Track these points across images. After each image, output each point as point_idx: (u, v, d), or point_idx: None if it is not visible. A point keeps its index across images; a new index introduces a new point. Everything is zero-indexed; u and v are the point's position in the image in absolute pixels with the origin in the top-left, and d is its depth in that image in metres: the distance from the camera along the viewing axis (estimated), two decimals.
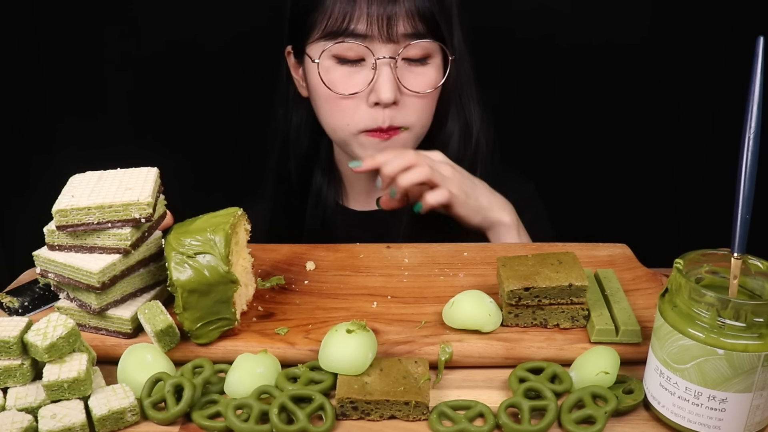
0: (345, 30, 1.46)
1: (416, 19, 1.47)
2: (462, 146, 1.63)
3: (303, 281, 1.26)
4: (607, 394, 0.97)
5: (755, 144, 0.88)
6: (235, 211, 1.14)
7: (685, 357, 0.89)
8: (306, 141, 1.69)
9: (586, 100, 2.16)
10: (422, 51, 1.51)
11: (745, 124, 0.89)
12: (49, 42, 2.14)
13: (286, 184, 1.72)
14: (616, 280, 1.20)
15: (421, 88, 1.52)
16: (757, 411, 0.89)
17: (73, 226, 1.06)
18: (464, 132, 1.64)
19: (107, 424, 0.94)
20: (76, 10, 2.09)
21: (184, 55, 2.15)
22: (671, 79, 2.13)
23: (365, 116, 1.51)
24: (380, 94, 1.47)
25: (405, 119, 1.53)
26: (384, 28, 1.45)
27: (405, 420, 0.97)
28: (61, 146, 2.21)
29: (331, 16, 1.47)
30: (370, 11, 1.45)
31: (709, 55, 2.09)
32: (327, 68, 1.52)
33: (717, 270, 0.95)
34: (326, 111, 1.56)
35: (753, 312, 0.85)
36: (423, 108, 1.55)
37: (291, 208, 1.73)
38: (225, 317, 1.07)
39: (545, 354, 1.07)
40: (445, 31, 1.52)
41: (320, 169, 1.71)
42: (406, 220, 1.64)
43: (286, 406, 0.95)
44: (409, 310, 1.17)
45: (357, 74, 1.50)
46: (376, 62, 1.47)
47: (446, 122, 1.63)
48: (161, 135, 2.21)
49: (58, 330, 0.95)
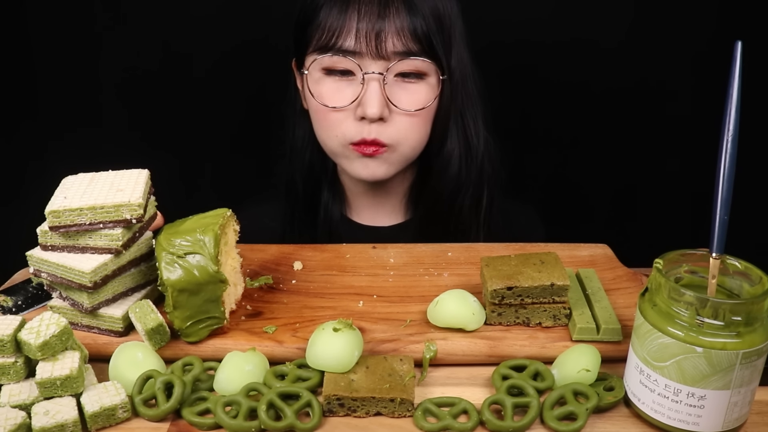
0: (334, 45, 1.44)
1: (407, 36, 1.44)
2: (464, 168, 1.59)
3: (291, 281, 1.27)
4: (589, 391, 0.98)
5: (733, 146, 0.89)
6: (224, 212, 1.14)
7: (665, 355, 0.90)
8: (308, 154, 1.67)
9: (565, 101, 2.17)
10: (414, 68, 1.47)
11: (723, 126, 0.90)
12: (42, 46, 2.13)
13: (294, 196, 1.71)
14: (597, 280, 1.21)
15: (411, 105, 1.49)
16: (735, 408, 0.90)
17: (66, 226, 1.07)
18: (466, 154, 1.59)
19: (99, 420, 0.95)
20: (69, 15, 2.09)
21: (176, 60, 2.15)
22: (651, 81, 2.13)
23: (351, 129, 1.49)
24: (366, 109, 1.45)
25: (391, 136, 1.49)
26: (372, 44, 1.42)
27: (390, 416, 0.98)
28: (54, 149, 2.21)
29: (323, 30, 1.45)
30: (359, 27, 1.42)
31: (689, 57, 2.09)
32: (317, 80, 1.51)
33: (696, 270, 0.97)
34: (316, 122, 1.55)
35: (731, 311, 0.87)
36: (412, 127, 1.51)
37: (300, 221, 1.71)
38: (214, 316, 1.08)
39: (528, 352, 1.08)
40: (440, 50, 1.47)
41: (327, 183, 1.69)
42: (411, 235, 1.64)
43: (274, 403, 0.96)
44: (394, 309, 1.19)
45: (346, 88, 1.48)
46: (364, 77, 1.45)
47: (445, 143, 1.58)
48: (152, 138, 2.21)
49: (51, 328, 0.96)
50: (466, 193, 1.60)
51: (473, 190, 1.59)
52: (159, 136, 2.22)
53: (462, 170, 1.59)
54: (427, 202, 1.64)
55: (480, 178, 1.61)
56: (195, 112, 2.18)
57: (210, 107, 2.18)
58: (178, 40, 2.13)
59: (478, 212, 1.64)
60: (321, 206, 1.69)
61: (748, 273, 0.93)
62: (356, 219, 1.73)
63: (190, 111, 2.18)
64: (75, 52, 2.14)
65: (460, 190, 1.60)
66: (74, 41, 2.13)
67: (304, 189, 1.69)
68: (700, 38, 2.06)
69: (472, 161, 1.60)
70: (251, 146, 1.94)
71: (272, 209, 1.75)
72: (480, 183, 1.62)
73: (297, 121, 1.67)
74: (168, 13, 2.10)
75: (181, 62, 2.15)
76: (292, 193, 1.71)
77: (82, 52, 2.14)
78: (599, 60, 2.11)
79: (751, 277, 0.93)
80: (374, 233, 1.71)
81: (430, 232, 1.60)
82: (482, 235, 1.64)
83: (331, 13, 1.45)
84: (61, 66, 2.16)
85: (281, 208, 1.74)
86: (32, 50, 2.14)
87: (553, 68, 2.14)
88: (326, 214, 1.69)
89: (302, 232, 1.71)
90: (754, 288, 0.92)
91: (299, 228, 1.71)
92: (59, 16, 2.11)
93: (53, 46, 2.14)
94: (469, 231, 1.64)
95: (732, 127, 0.89)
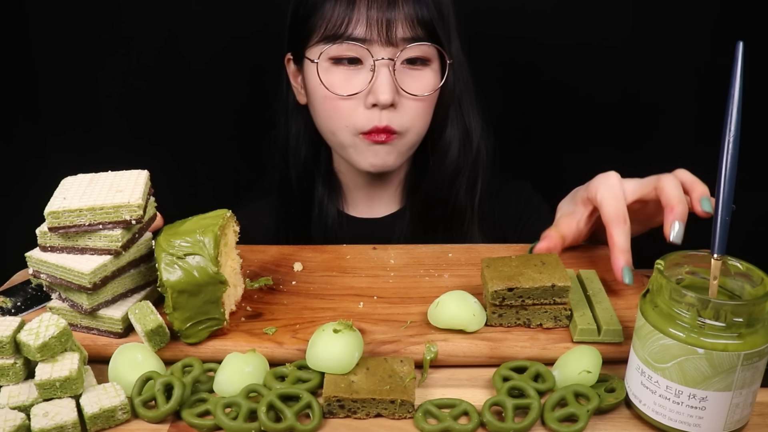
0: (343, 33, 1.47)
1: (415, 23, 1.47)
2: (462, 153, 1.64)
3: (291, 282, 1.27)
4: (590, 392, 0.98)
5: (734, 147, 0.90)
6: (223, 213, 1.14)
7: (666, 356, 0.90)
8: (304, 150, 1.69)
9: (565, 102, 2.17)
10: (421, 54, 1.51)
11: (724, 127, 0.90)
12: (41, 47, 2.14)
13: (288, 193, 1.72)
14: (598, 281, 1.21)
15: (419, 90, 1.52)
16: (736, 409, 0.90)
17: (65, 227, 1.07)
18: (464, 140, 1.64)
19: (98, 422, 0.95)
20: (69, 15, 2.10)
21: (176, 59, 2.15)
22: (652, 81, 2.13)
23: (362, 117, 1.51)
24: (378, 95, 1.47)
25: (402, 122, 1.52)
26: (383, 32, 1.45)
27: (391, 418, 0.98)
28: (54, 149, 2.21)
29: (330, 20, 1.48)
30: (369, 15, 1.45)
31: (691, 59, 2.09)
32: (326, 69, 1.52)
33: (697, 271, 0.96)
34: (324, 112, 1.56)
35: (732, 312, 0.86)
36: (420, 112, 1.55)
37: (295, 217, 1.73)
38: (214, 317, 1.08)
39: (528, 353, 1.08)
40: (442, 36, 1.51)
41: (321, 178, 1.71)
42: (408, 223, 1.66)
43: (274, 405, 0.96)
44: (395, 310, 1.18)
45: (355, 76, 1.51)
46: (374, 64, 1.47)
47: (445, 129, 1.63)
48: (151, 138, 2.21)
49: (51, 330, 0.96)
50: (462, 177, 1.63)
51: (470, 173, 1.61)
52: (159, 136, 2.22)
53: (460, 156, 1.64)
54: (426, 190, 1.66)
55: (476, 163, 1.64)
56: (195, 112, 2.19)
57: (210, 107, 2.18)
58: (178, 40, 2.13)
59: (473, 196, 1.67)
60: (315, 202, 1.71)
61: (750, 274, 0.93)
62: (352, 212, 1.75)
63: (190, 111, 2.18)
64: (74, 53, 2.14)
65: (458, 176, 1.63)
66: (73, 42, 2.13)
67: (298, 185, 1.71)
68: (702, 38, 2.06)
69: (469, 146, 1.65)
70: (251, 147, 1.94)
71: (265, 206, 1.77)
72: (476, 168, 1.66)
73: (291, 117, 1.69)
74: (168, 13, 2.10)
75: (180, 62, 2.15)
76: (286, 189, 1.73)
77: (81, 53, 2.14)
78: (600, 60, 2.11)
79: (753, 278, 0.93)
80: (370, 225, 1.73)
81: (426, 218, 1.63)
82: (477, 218, 1.67)
83: (339, 3, 1.47)
84: (60, 66, 2.16)
85: (275, 205, 1.76)
86: (32, 50, 2.14)
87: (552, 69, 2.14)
88: (321, 209, 1.70)
89: (297, 228, 1.72)
90: (756, 289, 0.91)
91: (294, 224, 1.73)
92: (58, 16, 2.10)
93: (52, 46, 2.14)
94: (464, 215, 1.66)
95: (733, 127, 0.90)
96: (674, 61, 2.10)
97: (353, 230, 1.72)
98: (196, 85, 2.17)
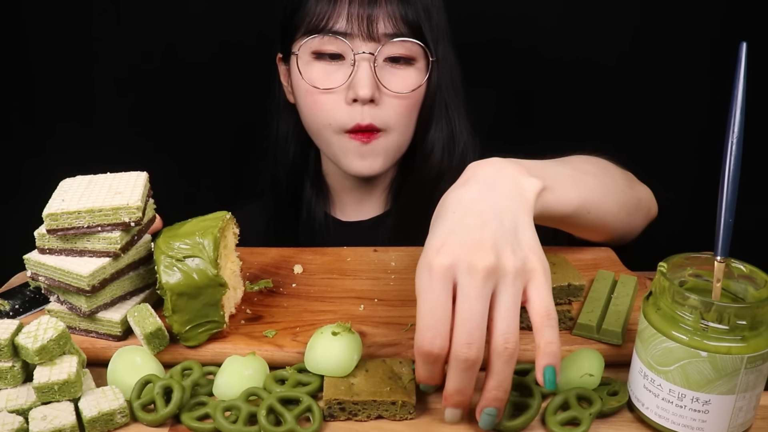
0: (325, 27, 1.48)
1: (398, 19, 1.48)
2: (446, 157, 1.63)
3: (291, 284, 1.27)
4: (592, 395, 0.97)
5: (738, 149, 0.89)
6: (223, 215, 1.14)
7: (669, 359, 0.90)
8: (292, 149, 1.69)
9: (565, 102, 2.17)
10: (405, 52, 1.51)
11: (728, 129, 0.89)
12: (39, 47, 2.14)
13: (277, 193, 1.73)
14: (632, 288, 1.20)
15: (402, 88, 1.52)
16: (740, 413, 0.90)
17: (64, 229, 1.07)
18: (449, 144, 1.63)
19: (97, 425, 0.94)
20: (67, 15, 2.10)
21: (174, 61, 2.15)
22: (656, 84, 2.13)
23: (344, 114, 1.51)
24: (358, 89, 1.47)
25: (384, 120, 1.52)
26: (364, 26, 1.46)
27: (392, 420, 0.97)
28: (52, 150, 2.21)
29: (314, 15, 1.49)
30: (350, 10, 1.46)
31: (694, 61, 2.09)
32: (307, 63, 1.53)
33: (700, 273, 0.96)
34: (307, 108, 1.57)
35: (736, 315, 0.86)
36: (403, 111, 1.55)
37: (283, 218, 1.73)
38: (213, 320, 1.08)
39: (531, 356, 1.06)
40: (428, 35, 1.51)
41: (309, 180, 1.72)
42: (390, 226, 1.67)
43: (274, 408, 0.96)
44: (395, 312, 1.18)
45: (336, 71, 1.51)
46: (355, 58, 1.48)
47: (429, 131, 1.62)
48: (151, 139, 2.21)
49: (49, 333, 0.96)
50: (446, 181, 1.61)
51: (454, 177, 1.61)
52: (158, 137, 2.22)
53: (444, 159, 1.62)
54: (409, 192, 1.66)
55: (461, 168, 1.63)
56: (195, 112, 2.18)
57: (210, 107, 2.18)
58: (178, 41, 2.13)
59: None
60: (304, 203, 1.72)
61: (753, 277, 0.93)
62: (339, 215, 1.76)
63: (190, 112, 2.18)
64: (73, 53, 2.14)
65: (441, 179, 1.61)
66: (72, 42, 2.13)
67: (287, 185, 1.72)
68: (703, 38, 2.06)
69: (454, 149, 1.64)
70: (251, 147, 1.93)
71: (258, 209, 1.79)
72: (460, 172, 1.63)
73: (281, 116, 1.70)
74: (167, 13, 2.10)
75: (179, 63, 2.15)
76: (275, 189, 1.74)
77: (80, 53, 2.14)
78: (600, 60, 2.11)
79: (756, 280, 0.92)
80: (356, 228, 1.73)
81: (410, 220, 1.62)
82: None
83: None
84: (58, 67, 2.16)
85: (267, 208, 1.77)
86: (29, 51, 2.14)
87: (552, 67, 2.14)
88: (309, 211, 1.71)
89: (286, 231, 1.73)
90: (759, 292, 0.91)
91: (283, 227, 1.74)
92: (57, 16, 2.10)
93: (51, 47, 2.14)
94: None
95: (737, 128, 0.89)
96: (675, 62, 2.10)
97: (339, 234, 1.72)
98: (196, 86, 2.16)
